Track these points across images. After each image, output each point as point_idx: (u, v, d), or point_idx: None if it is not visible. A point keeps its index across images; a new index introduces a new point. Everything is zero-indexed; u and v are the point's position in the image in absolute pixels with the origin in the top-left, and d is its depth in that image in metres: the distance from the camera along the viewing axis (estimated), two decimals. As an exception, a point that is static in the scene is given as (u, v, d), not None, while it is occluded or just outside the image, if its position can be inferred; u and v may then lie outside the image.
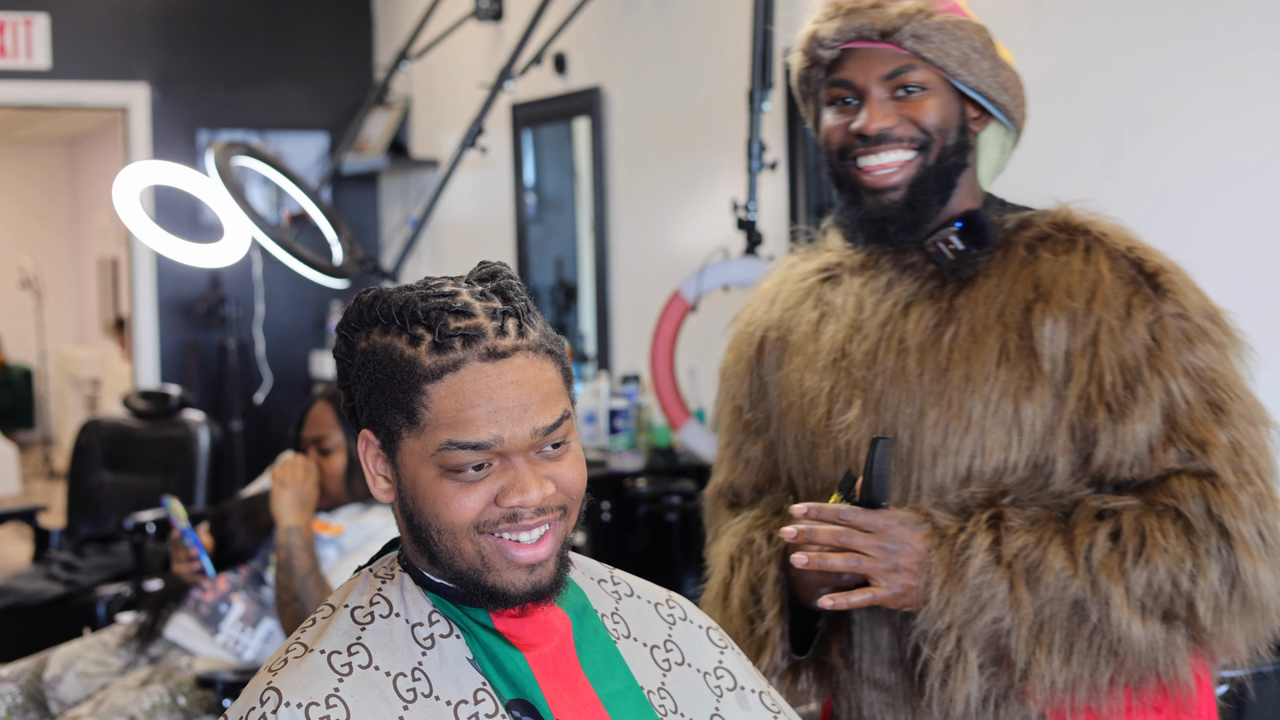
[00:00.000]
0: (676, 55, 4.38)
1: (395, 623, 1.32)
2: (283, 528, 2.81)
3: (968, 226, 1.66)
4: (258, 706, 1.24)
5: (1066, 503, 1.58)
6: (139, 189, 3.99)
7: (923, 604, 1.56)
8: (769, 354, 1.82)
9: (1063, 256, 1.63)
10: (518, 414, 1.26)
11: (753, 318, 1.87)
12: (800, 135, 3.85)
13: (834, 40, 1.67)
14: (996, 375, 1.60)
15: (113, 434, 5.02)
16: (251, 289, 6.16)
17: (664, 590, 1.52)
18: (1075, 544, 1.54)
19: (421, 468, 1.28)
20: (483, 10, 5.14)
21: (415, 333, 1.28)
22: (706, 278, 3.76)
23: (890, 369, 1.66)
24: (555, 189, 5.40)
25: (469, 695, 1.29)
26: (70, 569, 4.50)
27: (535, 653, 1.33)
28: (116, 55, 6.04)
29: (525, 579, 1.29)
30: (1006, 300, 1.63)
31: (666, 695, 1.39)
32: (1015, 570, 1.54)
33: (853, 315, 1.72)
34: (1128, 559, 1.52)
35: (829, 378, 1.71)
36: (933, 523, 1.58)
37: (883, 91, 1.66)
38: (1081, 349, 1.59)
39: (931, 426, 1.62)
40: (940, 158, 1.66)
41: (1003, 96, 1.66)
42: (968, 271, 1.67)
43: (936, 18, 1.64)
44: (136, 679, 2.88)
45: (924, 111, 1.65)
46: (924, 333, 1.66)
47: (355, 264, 4.13)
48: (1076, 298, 1.60)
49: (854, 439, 1.68)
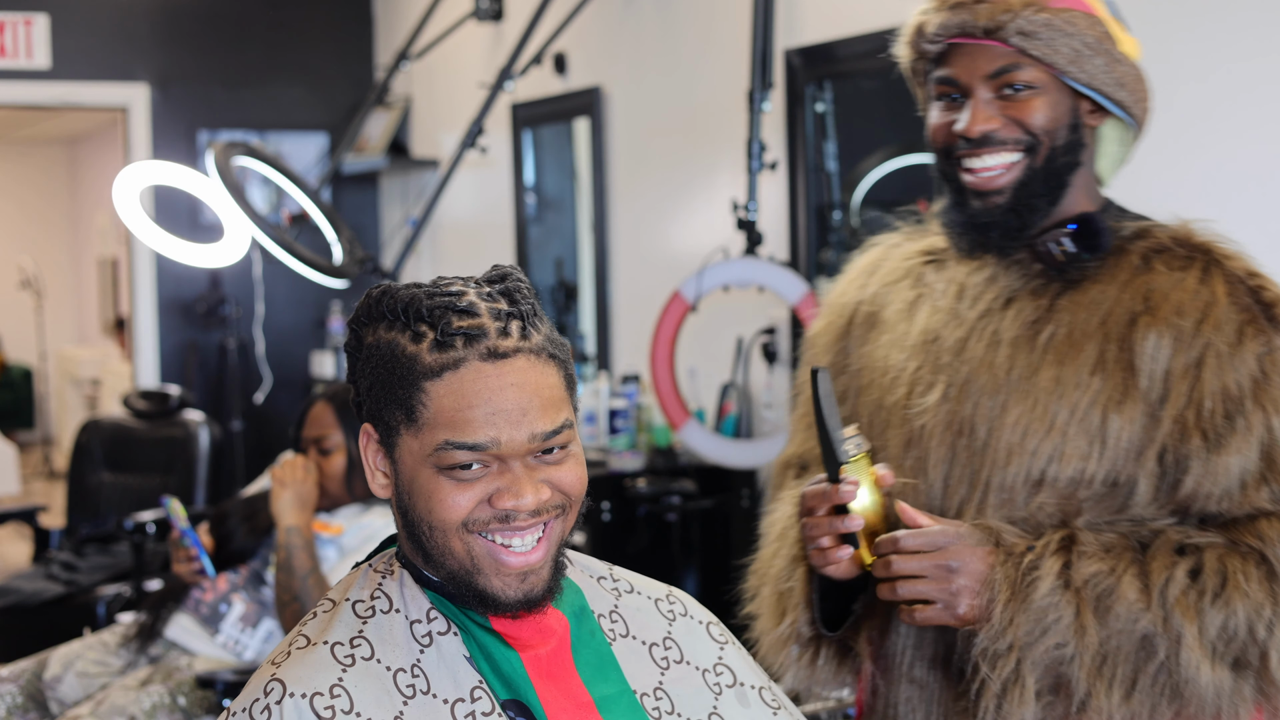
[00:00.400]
0: (676, 55, 4.38)
1: (395, 618, 1.32)
2: (282, 528, 2.82)
3: (1082, 229, 1.60)
4: (261, 697, 1.24)
5: (1145, 532, 1.52)
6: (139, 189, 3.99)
7: (985, 622, 1.51)
8: (858, 327, 1.77)
9: (1178, 273, 1.56)
10: (516, 417, 1.26)
11: (847, 289, 1.81)
12: (800, 135, 3.85)
13: (938, 35, 1.61)
14: (1089, 383, 1.55)
15: (113, 434, 5.02)
16: (251, 289, 6.16)
17: (664, 585, 1.51)
18: (1151, 577, 1.48)
19: (419, 465, 1.28)
20: (483, 10, 5.14)
21: (418, 329, 1.27)
22: (706, 278, 3.76)
23: (978, 359, 1.61)
24: (555, 189, 5.40)
25: (466, 693, 1.29)
26: (70, 569, 4.50)
27: (531, 654, 1.33)
28: (116, 55, 6.04)
29: (517, 586, 1.29)
30: (1112, 308, 1.57)
31: (663, 695, 1.39)
32: (1084, 597, 1.48)
33: (951, 302, 1.66)
34: (1205, 598, 1.46)
35: (915, 359, 1.66)
36: (999, 540, 1.53)
37: (987, 91, 1.59)
38: (1184, 370, 1.52)
39: (1011, 424, 1.57)
40: (1049, 159, 1.60)
41: (1119, 93, 1.59)
42: (1075, 274, 1.61)
43: (1045, 12, 1.56)
44: (136, 679, 2.88)
45: (1031, 112, 1.58)
46: (1020, 328, 1.60)
47: (355, 264, 4.13)
48: (1186, 316, 1.53)
49: (929, 424, 1.63)
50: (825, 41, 3.73)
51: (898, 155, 3.89)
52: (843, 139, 3.86)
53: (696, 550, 4.02)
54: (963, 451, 1.61)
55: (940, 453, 1.62)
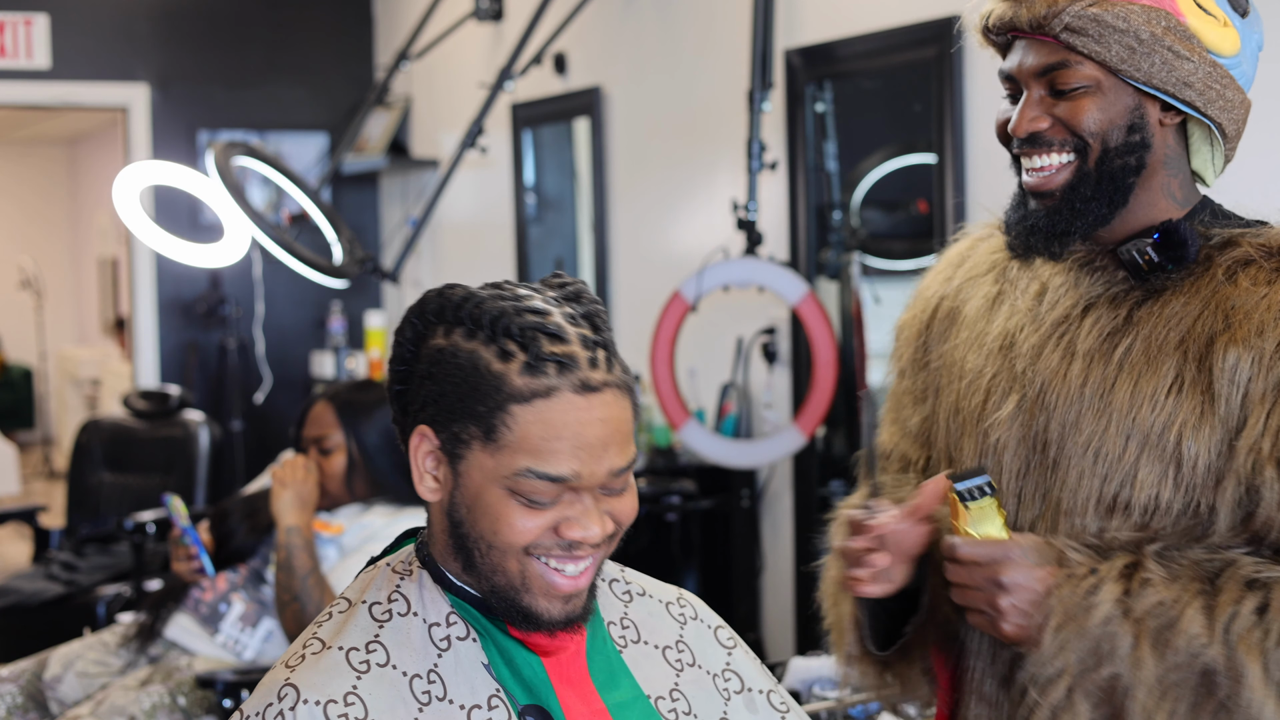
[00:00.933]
0: (676, 55, 4.39)
1: (413, 622, 1.31)
2: (283, 527, 2.81)
3: (1165, 239, 1.50)
4: (275, 703, 1.23)
5: (1217, 562, 1.45)
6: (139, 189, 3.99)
7: (1034, 645, 1.46)
8: (940, 322, 1.71)
9: (1263, 287, 1.47)
10: (599, 452, 1.25)
11: (932, 281, 1.75)
12: (800, 135, 3.85)
13: (997, 27, 1.55)
14: (1164, 405, 1.47)
15: (113, 434, 5.02)
16: (251, 289, 6.16)
17: (675, 588, 1.51)
18: (1217, 610, 1.41)
19: (489, 484, 1.26)
20: (483, 10, 5.14)
21: (506, 348, 1.25)
22: (706, 278, 3.76)
23: (1053, 370, 1.55)
24: (555, 189, 5.40)
25: (483, 700, 1.28)
26: (70, 569, 4.50)
27: (552, 659, 1.33)
28: (116, 55, 6.04)
29: (561, 608, 1.29)
30: (1192, 326, 1.48)
31: (680, 696, 1.39)
32: (1144, 627, 1.42)
33: (1031, 303, 1.60)
34: (1271, 636, 1.39)
35: (992, 364, 1.60)
36: (1061, 559, 1.46)
37: (1039, 88, 1.52)
38: (1261, 395, 1.44)
39: (1084, 445, 1.51)
40: (1101, 161, 1.51)
41: (1186, 92, 1.49)
42: (1158, 283, 1.52)
43: (1097, 5, 1.47)
44: (136, 679, 2.88)
45: (1080, 113, 1.50)
46: (1096, 339, 1.53)
47: (355, 264, 4.13)
48: (1268, 337, 1.44)
49: (1003, 438, 1.57)
50: (825, 41, 3.73)
51: (898, 155, 3.90)
52: (843, 139, 3.86)
53: (696, 550, 4.03)
54: (1036, 468, 1.55)
55: (1014, 467, 1.57)
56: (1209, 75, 1.49)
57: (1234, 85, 1.52)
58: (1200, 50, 1.49)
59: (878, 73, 3.69)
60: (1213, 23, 1.50)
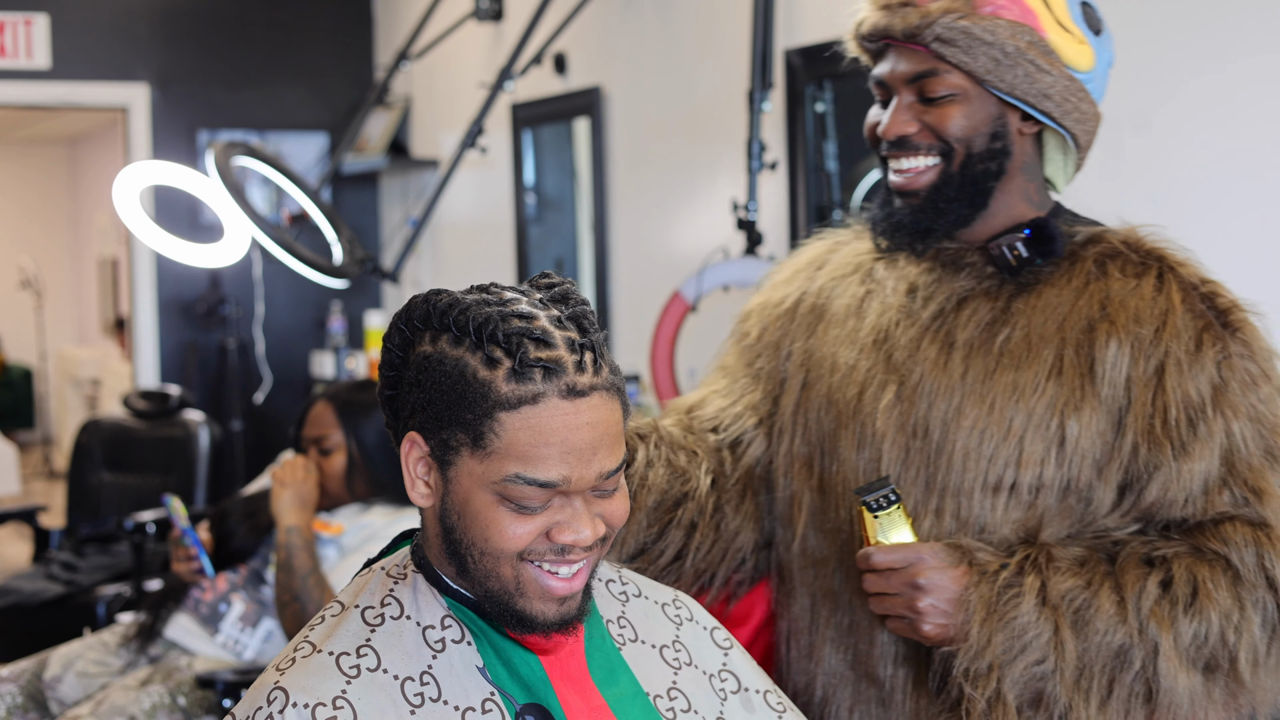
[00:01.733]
0: (676, 55, 4.38)
1: (406, 625, 1.31)
2: (283, 527, 2.81)
3: (1036, 235, 1.61)
4: (264, 706, 1.24)
5: (1109, 543, 1.54)
6: (139, 189, 3.99)
7: (960, 642, 1.52)
8: (802, 317, 1.77)
9: (1133, 280, 1.58)
10: (588, 456, 1.25)
11: (792, 279, 1.82)
12: (800, 135, 3.85)
13: (872, 35, 1.64)
14: (1045, 388, 1.56)
15: (113, 434, 5.02)
16: (251, 289, 6.16)
17: (671, 590, 1.51)
18: (1125, 589, 1.49)
19: (479, 490, 1.26)
20: (483, 10, 5.14)
21: (492, 354, 1.24)
22: (706, 278, 3.76)
23: (932, 360, 1.62)
24: (555, 189, 5.40)
25: (477, 703, 1.28)
26: (70, 569, 4.50)
27: (550, 657, 1.33)
28: (116, 55, 6.04)
29: (556, 610, 1.29)
30: (1068, 314, 1.58)
31: (678, 694, 1.39)
32: (1061, 613, 1.50)
33: (902, 300, 1.67)
34: (1179, 607, 1.48)
35: (867, 358, 1.67)
36: (971, 559, 1.54)
37: (909, 94, 1.62)
38: (1145, 379, 1.54)
39: (968, 428, 1.58)
40: (965, 165, 1.61)
41: (1045, 104, 1.59)
42: (1028, 277, 1.62)
43: (966, 19, 1.57)
44: (136, 679, 2.88)
45: (947, 120, 1.60)
46: (974, 330, 1.61)
47: (355, 264, 4.13)
48: (1145, 324, 1.55)
49: (881, 426, 1.63)
50: (825, 41, 3.73)
51: (898, 155, 3.90)
52: (843, 139, 3.86)
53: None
54: (917, 454, 1.62)
55: (894, 454, 1.63)
56: (1066, 89, 1.59)
57: (1088, 98, 1.61)
58: (1059, 65, 1.58)
59: (878, 73, 3.69)
60: (1071, 39, 1.59)
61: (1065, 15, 1.61)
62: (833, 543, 1.70)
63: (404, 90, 6.12)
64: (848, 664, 1.69)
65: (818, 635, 1.73)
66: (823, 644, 1.72)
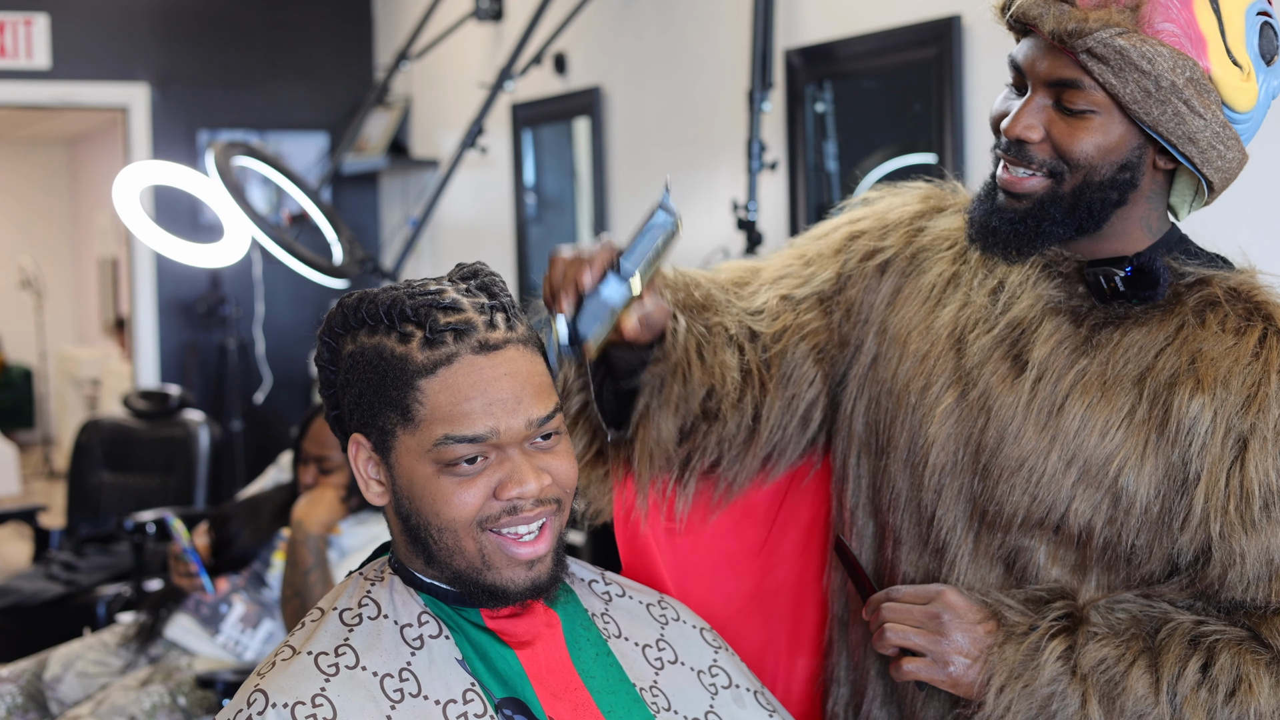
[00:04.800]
0: (676, 55, 4.38)
1: (383, 624, 1.32)
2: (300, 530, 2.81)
3: (1138, 274, 1.46)
4: (245, 709, 1.25)
5: (1158, 614, 1.42)
6: (139, 189, 3.99)
7: (978, 703, 1.42)
8: (887, 280, 1.63)
9: (1231, 337, 1.43)
10: (512, 405, 1.27)
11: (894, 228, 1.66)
12: (800, 135, 3.85)
13: (1019, 18, 1.46)
14: (1114, 436, 1.44)
15: (113, 434, 5.02)
16: (251, 289, 6.16)
17: (655, 592, 1.52)
18: (1162, 669, 1.38)
19: (418, 465, 1.28)
20: (483, 10, 5.14)
21: (405, 330, 1.28)
22: (706, 278, 3.75)
23: (1001, 375, 1.50)
24: (555, 189, 5.40)
25: (458, 695, 1.29)
26: (70, 569, 4.50)
27: (527, 651, 1.34)
28: (116, 55, 6.04)
29: (525, 575, 1.30)
30: (1154, 361, 1.44)
31: (659, 693, 1.39)
32: (1090, 684, 1.39)
33: (986, 299, 1.54)
34: (1217, 697, 1.37)
35: (938, 352, 1.55)
36: (1000, 617, 1.43)
37: (1045, 96, 1.46)
38: (1222, 449, 1.41)
39: (1020, 458, 1.47)
40: (1080, 191, 1.46)
41: (1188, 147, 1.42)
42: (1120, 310, 1.48)
43: (1126, 38, 1.39)
44: (136, 679, 2.88)
45: (1076, 138, 1.44)
46: (1051, 351, 1.48)
47: (355, 264, 4.13)
48: (1234, 391, 1.41)
49: (935, 432, 1.52)
50: (825, 41, 3.73)
51: (898, 155, 3.89)
52: (843, 139, 3.86)
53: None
54: (965, 470, 1.51)
55: (940, 462, 1.52)
56: (1216, 135, 1.43)
57: (1237, 145, 1.46)
58: (1215, 106, 1.42)
59: (878, 73, 3.69)
60: (1236, 75, 1.43)
61: (1239, 43, 1.43)
62: (876, 535, 1.62)
63: (404, 90, 6.12)
64: (884, 660, 1.61)
65: (854, 622, 1.65)
66: (861, 635, 1.64)
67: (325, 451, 2.96)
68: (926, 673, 1.44)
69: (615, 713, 1.35)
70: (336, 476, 2.95)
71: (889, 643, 1.46)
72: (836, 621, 1.68)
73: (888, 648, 1.47)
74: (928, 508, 1.54)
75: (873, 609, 1.49)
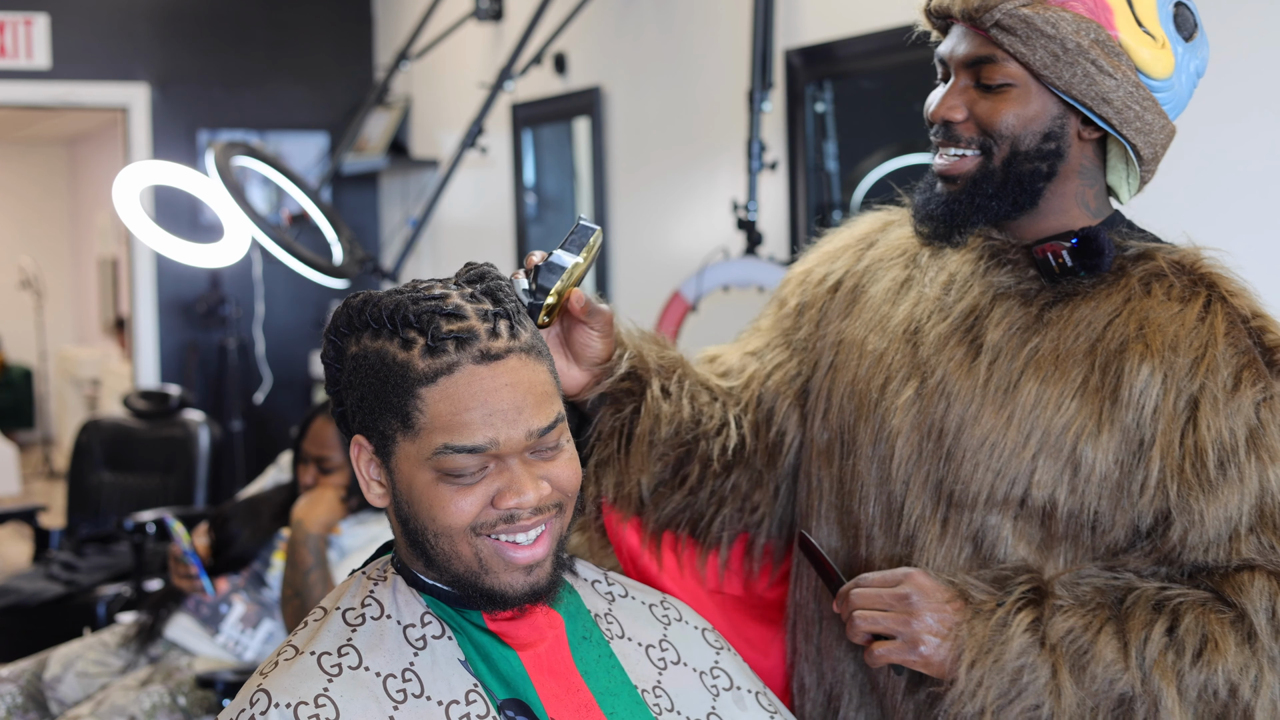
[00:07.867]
0: (676, 55, 4.38)
1: (386, 624, 1.32)
2: (300, 529, 2.81)
3: (1083, 246, 1.50)
4: (247, 708, 1.25)
5: (1122, 583, 1.44)
6: (139, 189, 3.99)
7: (949, 680, 1.43)
8: (842, 296, 1.70)
9: (1177, 304, 1.47)
10: (512, 416, 1.26)
11: (841, 252, 1.74)
12: (800, 135, 3.85)
13: (935, 11, 1.56)
14: (1067, 407, 1.47)
15: (113, 434, 5.02)
16: (251, 289, 6.16)
17: (658, 592, 1.52)
18: (1129, 635, 1.40)
19: (417, 471, 1.28)
20: (483, 10, 5.14)
21: (407, 336, 1.27)
22: (706, 278, 3.75)
23: (957, 361, 1.54)
24: (555, 189, 5.40)
25: (460, 696, 1.29)
26: (70, 569, 4.50)
27: (529, 652, 1.34)
28: (116, 55, 6.04)
29: (523, 580, 1.30)
30: (1103, 332, 1.48)
31: (662, 693, 1.39)
32: (1059, 654, 1.40)
33: (939, 293, 1.59)
34: (1185, 659, 1.39)
35: (895, 348, 1.59)
36: (967, 596, 1.45)
37: (965, 78, 1.53)
38: (1175, 413, 1.44)
39: (980, 438, 1.50)
40: (1009, 163, 1.51)
41: (1103, 108, 1.47)
42: (1068, 287, 1.52)
43: (1030, 7, 1.46)
44: (136, 679, 2.88)
45: (998, 112, 1.50)
46: (1004, 333, 1.52)
47: (355, 264, 4.13)
48: (1182, 354, 1.45)
49: (898, 423, 1.56)
50: (825, 41, 3.73)
51: (898, 155, 3.90)
52: (843, 139, 3.86)
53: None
54: (929, 457, 1.54)
55: (905, 452, 1.56)
56: (1130, 95, 1.47)
57: (1156, 109, 1.49)
58: (1127, 68, 1.47)
59: (878, 73, 3.69)
60: (1148, 42, 1.48)
61: (1150, 15, 1.49)
62: (845, 537, 1.64)
63: (404, 90, 6.12)
64: (857, 663, 1.64)
65: (825, 628, 1.67)
66: (830, 641, 1.66)
67: (325, 452, 2.96)
68: (898, 655, 1.45)
69: (618, 714, 1.34)
70: (336, 476, 2.95)
71: (859, 630, 1.47)
72: (803, 628, 1.70)
73: (859, 635, 1.47)
74: (897, 499, 1.56)
75: (842, 600, 1.50)
